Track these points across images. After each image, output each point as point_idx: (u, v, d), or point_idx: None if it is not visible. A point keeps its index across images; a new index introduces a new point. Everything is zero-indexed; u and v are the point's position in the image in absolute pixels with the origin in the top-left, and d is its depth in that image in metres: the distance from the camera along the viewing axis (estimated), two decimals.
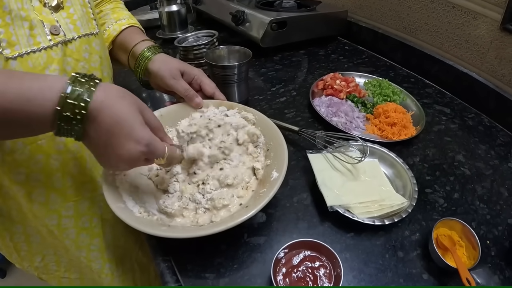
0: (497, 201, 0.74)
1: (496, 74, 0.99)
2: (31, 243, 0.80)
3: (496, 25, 0.95)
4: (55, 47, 0.62)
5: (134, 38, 0.85)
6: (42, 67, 0.60)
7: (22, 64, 0.57)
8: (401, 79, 1.18)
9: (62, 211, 0.75)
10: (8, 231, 0.77)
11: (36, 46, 0.59)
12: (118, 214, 0.55)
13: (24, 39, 0.57)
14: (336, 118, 0.92)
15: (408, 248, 0.63)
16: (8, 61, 0.56)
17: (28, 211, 0.73)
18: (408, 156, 0.83)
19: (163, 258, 0.61)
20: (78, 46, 0.67)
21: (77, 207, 0.77)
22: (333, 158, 0.76)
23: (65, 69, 0.65)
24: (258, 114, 0.75)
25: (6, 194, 0.69)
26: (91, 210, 0.79)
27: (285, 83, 1.14)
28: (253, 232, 0.65)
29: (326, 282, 0.55)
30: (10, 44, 0.55)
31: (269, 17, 1.19)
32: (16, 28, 0.56)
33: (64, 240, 0.79)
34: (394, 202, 0.68)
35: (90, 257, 0.85)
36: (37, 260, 0.84)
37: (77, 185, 0.74)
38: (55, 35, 0.62)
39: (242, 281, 0.57)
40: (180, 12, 1.43)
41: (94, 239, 0.84)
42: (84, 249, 0.83)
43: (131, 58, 0.85)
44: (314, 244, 0.58)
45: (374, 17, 1.36)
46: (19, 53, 0.57)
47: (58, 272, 0.88)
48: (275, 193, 0.57)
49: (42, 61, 0.60)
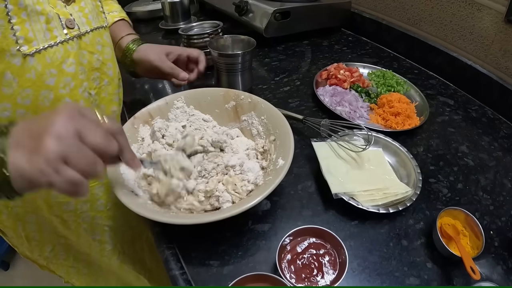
0: (501, 192, 0.74)
1: (500, 66, 0.99)
2: (43, 233, 0.82)
3: (501, 17, 0.94)
4: (70, 40, 0.62)
5: (121, 30, 0.89)
6: (60, 62, 0.61)
7: (39, 60, 0.58)
8: (405, 70, 1.17)
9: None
10: (21, 221, 0.79)
11: (53, 40, 0.59)
12: (123, 201, 0.55)
13: (41, 34, 0.57)
14: (340, 108, 0.91)
15: (412, 237, 0.64)
16: (26, 58, 0.56)
17: (43, 202, 0.74)
18: (412, 146, 0.83)
19: (167, 246, 0.61)
20: (91, 39, 0.68)
21: (93, 192, 0.79)
22: (337, 146, 0.76)
23: (81, 62, 0.66)
24: (264, 102, 0.75)
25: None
26: (106, 194, 0.82)
27: (289, 73, 1.13)
28: (257, 219, 0.65)
29: (330, 269, 0.55)
30: (27, 41, 0.55)
31: (273, 7, 1.18)
32: (32, 23, 0.55)
33: (79, 226, 0.82)
34: (399, 190, 0.68)
35: (103, 238, 0.88)
36: (47, 250, 0.86)
37: None
38: (70, 29, 0.62)
39: (246, 268, 0.57)
40: (183, 3, 1.42)
41: (108, 220, 0.86)
42: (98, 230, 0.86)
43: (117, 50, 0.88)
44: (319, 231, 0.58)
45: (377, 8, 1.35)
46: (36, 49, 0.57)
47: (67, 262, 0.91)
48: (281, 180, 0.57)
49: (59, 55, 0.60)
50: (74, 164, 0.39)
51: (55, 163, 0.38)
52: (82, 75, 0.66)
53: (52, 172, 0.38)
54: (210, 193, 0.61)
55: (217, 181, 0.63)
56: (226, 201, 0.60)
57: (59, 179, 0.39)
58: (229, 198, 0.60)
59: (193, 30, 1.16)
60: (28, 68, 0.57)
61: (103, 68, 0.73)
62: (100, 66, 0.72)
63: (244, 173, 0.64)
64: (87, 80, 0.68)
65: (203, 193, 0.61)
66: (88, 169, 0.41)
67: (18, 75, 0.56)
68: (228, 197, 0.60)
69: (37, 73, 0.58)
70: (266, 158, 0.69)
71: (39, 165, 0.38)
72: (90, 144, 0.41)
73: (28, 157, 0.38)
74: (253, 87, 1.03)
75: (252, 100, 0.77)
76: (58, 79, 0.61)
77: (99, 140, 0.42)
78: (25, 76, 0.57)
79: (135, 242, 0.97)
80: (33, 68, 0.57)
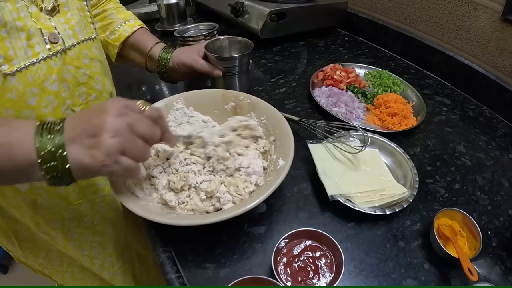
0: (498, 192, 0.74)
1: (497, 65, 0.99)
2: (36, 241, 0.82)
3: (497, 16, 0.94)
4: (54, 56, 0.60)
5: (147, 40, 0.91)
6: (42, 80, 0.59)
7: (21, 79, 0.56)
8: (401, 70, 1.17)
9: (65, 214, 0.76)
10: (12, 231, 0.79)
11: (35, 57, 0.57)
12: (124, 203, 0.56)
13: (21, 51, 0.55)
14: (336, 109, 0.91)
15: (409, 238, 0.63)
16: (6, 78, 0.54)
17: (30, 220, 0.74)
18: (408, 146, 0.83)
19: (163, 249, 0.61)
20: (77, 52, 0.66)
21: (79, 209, 0.78)
22: (333, 148, 0.76)
23: (65, 78, 0.64)
24: (263, 103, 0.75)
25: (9, 203, 0.70)
26: (93, 210, 0.81)
27: (285, 74, 1.13)
28: (253, 222, 0.65)
29: (327, 271, 0.54)
30: (7, 60, 0.53)
31: (269, 8, 1.18)
32: (12, 41, 0.53)
33: (67, 242, 0.81)
34: (395, 191, 0.68)
35: (92, 253, 0.87)
36: (41, 256, 0.86)
37: (80, 189, 0.75)
38: (54, 44, 0.60)
39: (242, 271, 0.57)
40: (179, 5, 1.42)
41: (95, 236, 0.86)
42: (87, 247, 0.85)
43: (149, 60, 0.92)
44: (315, 234, 0.57)
45: (374, 8, 1.35)
46: (17, 68, 0.54)
47: (61, 267, 0.90)
48: (282, 180, 0.57)
49: (41, 73, 0.58)
50: (130, 153, 0.46)
51: (114, 156, 0.45)
52: (65, 93, 0.64)
53: (112, 164, 0.45)
54: (211, 193, 0.61)
55: (219, 182, 0.63)
56: (228, 201, 0.60)
57: (118, 168, 0.46)
58: (230, 199, 0.60)
59: (188, 32, 1.16)
60: (9, 88, 0.55)
61: (91, 82, 0.71)
62: (87, 81, 0.70)
63: (248, 175, 0.64)
64: (70, 98, 0.66)
65: (204, 193, 0.61)
66: (140, 155, 0.49)
67: None
68: (230, 198, 0.60)
69: (18, 93, 0.56)
70: (266, 159, 0.69)
71: (100, 159, 0.44)
72: (140, 135, 0.48)
73: (89, 152, 0.44)
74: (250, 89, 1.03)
75: (251, 100, 0.76)
76: (40, 98, 0.59)
77: (146, 129, 0.49)
78: (6, 96, 0.55)
79: (124, 254, 0.97)
80: (14, 88, 0.55)
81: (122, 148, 0.45)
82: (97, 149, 0.44)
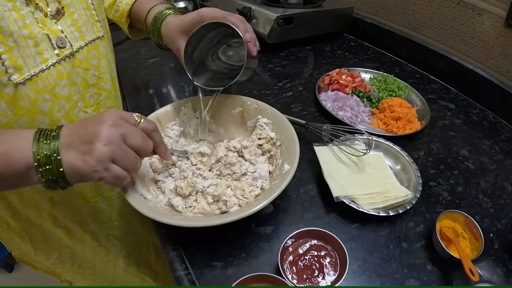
0: (501, 195, 0.75)
1: (501, 70, 1.00)
2: (49, 243, 0.84)
3: (501, 21, 0.95)
4: (63, 61, 0.60)
5: (145, 6, 0.82)
6: (53, 85, 0.59)
7: (32, 87, 0.56)
8: (407, 75, 1.18)
9: (83, 210, 0.79)
10: (26, 233, 0.81)
11: (44, 64, 0.57)
12: (132, 204, 0.57)
13: (30, 59, 0.55)
14: (342, 112, 0.93)
15: (412, 239, 0.65)
16: (18, 87, 0.54)
17: (47, 216, 0.76)
18: (412, 150, 0.85)
19: (172, 247, 0.63)
20: (86, 54, 0.66)
21: (97, 206, 0.80)
22: (338, 150, 0.77)
23: (75, 82, 0.65)
24: (270, 108, 0.77)
25: (27, 202, 0.72)
26: (109, 207, 0.83)
27: (292, 78, 1.15)
28: (260, 222, 0.67)
29: (331, 270, 0.56)
30: (17, 69, 0.54)
31: (276, 14, 1.20)
32: (20, 49, 0.54)
33: (85, 234, 0.83)
34: (399, 194, 0.69)
35: (108, 245, 0.90)
36: (53, 257, 0.88)
37: (96, 187, 0.78)
38: (61, 48, 0.60)
39: (249, 269, 0.59)
40: (187, 9, 1.44)
41: (112, 230, 0.88)
42: (103, 238, 0.88)
43: (148, 21, 0.81)
44: (321, 233, 0.59)
45: (379, 14, 1.36)
46: (27, 76, 0.55)
47: (72, 268, 0.92)
48: (286, 185, 0.59)
49: (52, 79, 0.59)
50: (120, 162, 0.49)
51: (105, 163, 0.47)
52: (76, 96, 0.65)
53: (102, 170, 0.47)
54: (218, 197, 0.62)
55: (226, 186, 0.65)
56: (234, 204, 0.62)
57: (108, 175, 0.48)
58: (236, 202, 0.62)
59: None
60: (21, 96, 0.56)
61: (100, 83, 0.72)
62: (96, 82, 0.71)
63: (255, 180, 0.66)
64: (81, 100, 0.67)
65: (211, 196, 0.63)
66: (130, 166, 0.51)
67: (12, 104, 0.55)
68: (236, 201, 0.62)
69: (31, 100, 0.57)
70: (272, 163, 0.71)
71: (92, 165, 0.46)
72: (132, 146, 0.50)
73: (81, 157, 0.47)
74: (256, 93, 1.05)
75: (258, 106, 0.78)
76: (52, 104, 0.60)
77: (139, 141, 0.51)
78: (19, 104, 0.56)
79: (140, 247, 0.99)
80: (26, 96, 0.56)
81: (113, 156, 0.48)
82: (89, 155, 0.46)
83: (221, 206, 0.62)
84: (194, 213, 0.63)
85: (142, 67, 0.96)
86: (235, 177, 0.66)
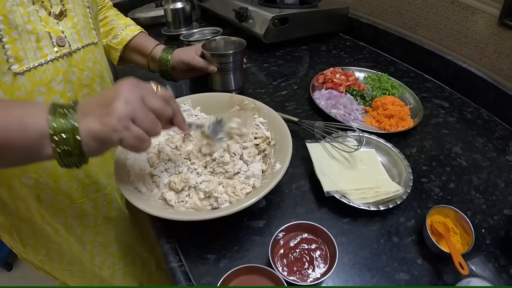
0: (493, 192, 0.75)
1: (495, 68, 1.01)
2: (37, 238, 0.84)
3: (494, 20, 0.96)
4: (61, 58, 0.64)
5: (148, 43, 0.97)
6: (49, 80, 0.63)
7: (29, 78, 0.60)
8: (401, 74, 1.19)
9: (68, 212, 0.79)
10: (15, 228, 0.81)
11: (43, 58, 0.61)
12: (127, 197, 0.58)
13: (31, 52, 0.59)
14: (335, 110, 0.94)
15: (403, 234, 0.65)
16: (16, 76, 0.58)
17: (36, 211, 0.77)
18: (405, 147, 0.85)
19: (167, 240, 0.64)
20: (82, 55, 0.69)
21: (83, 208, 0.81)
22: (330, 147, 0.78)
23: (70, 80, 0.67)
24: (267, 108, 0.78)
25: (16, 195, 0.73)
26: (95, 210, 0.84)
27: (287, 77, 1.16)
28: (253, 216, 0.68)
29: (321, 263, 0.57)
30: (17, 60, 0.57)
31: (272, 14, 1.21)
32: (23, 42, 0.57)
33: (70, 236, 0.84)
34: (390, 189, 0.70)
35: (93, 251, 0.90)
36: (41, 253, 0.88)
37: (83, 188, 0.78)
38: (61, 47, 0.64)
39: (242, 261, 0.59)
40: (185, 9, 1.45)
41: (98, 236, 0.88)
42: (88, 244, 0.88)
43: (151, 61, 0.97)
44: (311, 227, 0.60)
45: (374, 14, 1.37)
46: (26, 68, 0.59)
47: (60, 265, 0.92)
48: (276, 183, 0.60)
49: (49, 73, 0.62)
50: (140, 123, 0.46)
51: (125, 122, 0.45)
52: (69, 93, 0.68)
53: (123, 129, 0.45)
54: (209, 193, 0.63)
55: (218, 183, 0.65)
56: (225, 201, 0.62)
57: (129, 134, 0.45)
58: (227, 199, 0.63)
59: (194, 36, 1.19)
60: (18, 86, 0.58)
61: (93, 84, 0.74)
62: (89, 83, 0.73)
63: (247, 178, 0.67)
64: (74, 98, 0.69)
65: (203, 192, 0.64)
66: (151, 127, 0.48)
67: (8, 93, 0.58)
68: (226, 198, 0.63)
69: (27, 91, 0.60)
70: (266, 162, 0.72)
71: (111, 123, 0.44)
72: (152, 108, 0.48)
73: (100, 120, 0.45)
74: (252, 92, 1.06)
75: (255, 105, 0.79)
76: (47, 97, 0.63)
77: (159, 104, 0.49)
78: (15, 94, 0.59)
79: (126, 256, 0.99)
80: (23, 86, 0.59)
81: (134, 115, 0.46)
82: (108, 115, 0.44)
83: (212, 202, 0.63)
84: (186, 208, 0.63)
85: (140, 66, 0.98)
86: (228, 176, 0.67)
